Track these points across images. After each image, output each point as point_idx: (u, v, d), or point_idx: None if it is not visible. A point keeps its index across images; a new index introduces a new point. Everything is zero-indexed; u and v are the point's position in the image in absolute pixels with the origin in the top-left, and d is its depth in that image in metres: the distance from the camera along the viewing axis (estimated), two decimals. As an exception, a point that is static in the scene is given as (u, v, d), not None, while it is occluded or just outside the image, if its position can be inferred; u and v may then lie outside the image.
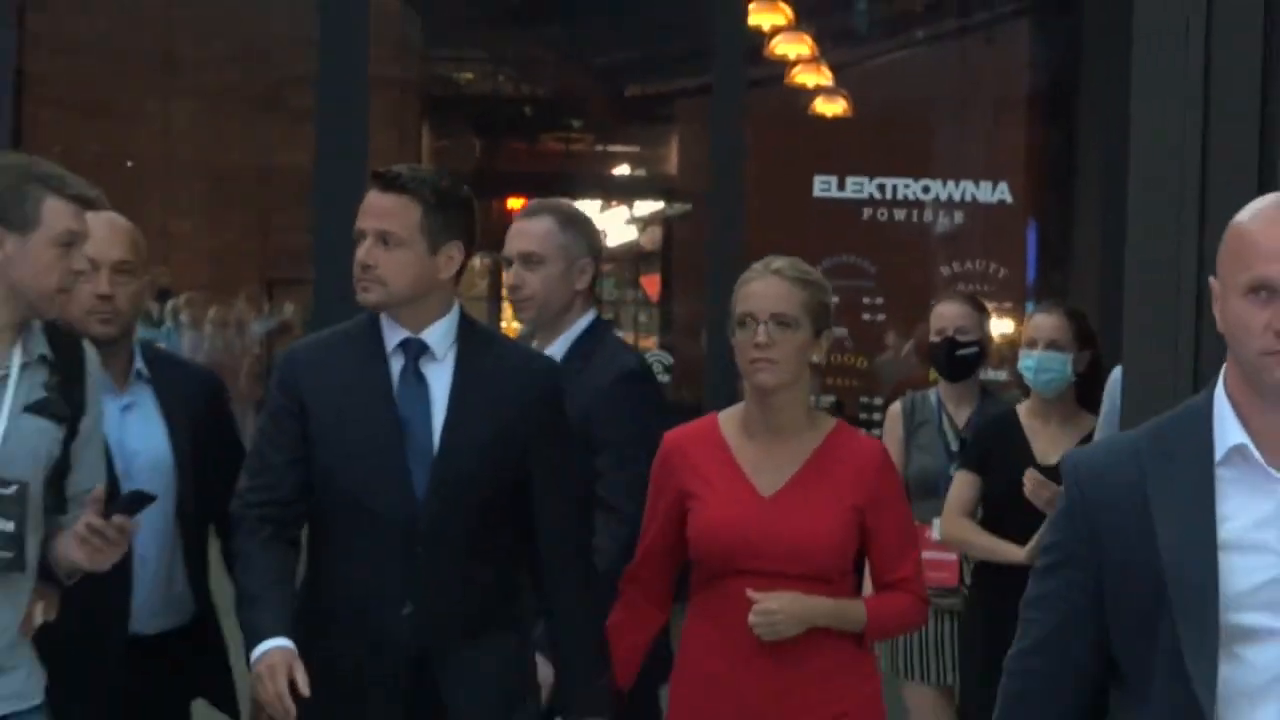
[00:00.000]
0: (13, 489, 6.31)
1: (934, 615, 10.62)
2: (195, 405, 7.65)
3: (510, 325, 15.82)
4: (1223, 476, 4.58)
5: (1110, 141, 12.13)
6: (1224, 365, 4.72)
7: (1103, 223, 14.12)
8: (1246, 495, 4.58)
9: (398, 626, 6.33)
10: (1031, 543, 9.37)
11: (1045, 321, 10.26)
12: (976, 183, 18.32)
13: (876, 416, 15.53)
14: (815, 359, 6.57)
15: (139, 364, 7.57)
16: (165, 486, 7.20)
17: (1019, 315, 16.50)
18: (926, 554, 10.37)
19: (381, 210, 6.46)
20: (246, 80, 23.30)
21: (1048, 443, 10.04)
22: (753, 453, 6.53)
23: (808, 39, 19.88)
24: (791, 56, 19.81)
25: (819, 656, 6.39)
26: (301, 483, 6.45)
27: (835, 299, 6.54)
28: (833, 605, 6.41)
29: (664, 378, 16.42)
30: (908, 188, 18.05)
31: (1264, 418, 4.57)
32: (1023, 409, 10.35)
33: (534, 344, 7.93)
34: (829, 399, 16.09)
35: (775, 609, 6.20)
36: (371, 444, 6.38)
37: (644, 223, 24.88)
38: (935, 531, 10.67)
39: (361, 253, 6.42)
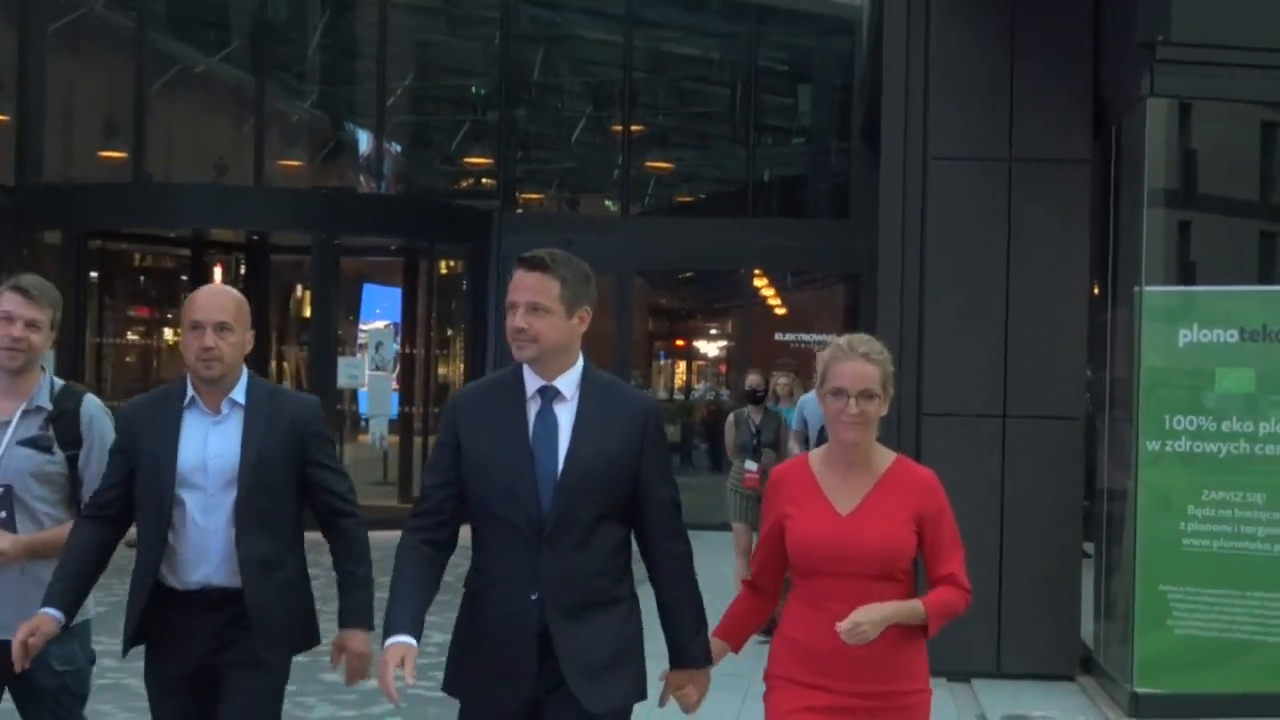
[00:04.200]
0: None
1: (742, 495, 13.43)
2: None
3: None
4: None
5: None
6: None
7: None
8: None
9: (523, 611, 5.03)
10: None
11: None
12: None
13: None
14: (883, 413, 5.30)
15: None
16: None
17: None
18: (746, 475, 13.15)
19: (530, 287, 5.10)
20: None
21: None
22: (833, 481, 5.30)
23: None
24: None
25: (890, 634, 5.12)
26: (453, 500, 5.13)
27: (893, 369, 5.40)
28: (902, 608, 5.15)
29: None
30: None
31: None
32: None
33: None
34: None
35: (861, 621, 5.02)
36: (508, 467, 5.04)
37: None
38: (750, 466, 13.33)
39: (517, 320, 5.06)
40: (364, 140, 24.55)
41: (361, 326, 22.79)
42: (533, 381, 5.12)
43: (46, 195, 21.07)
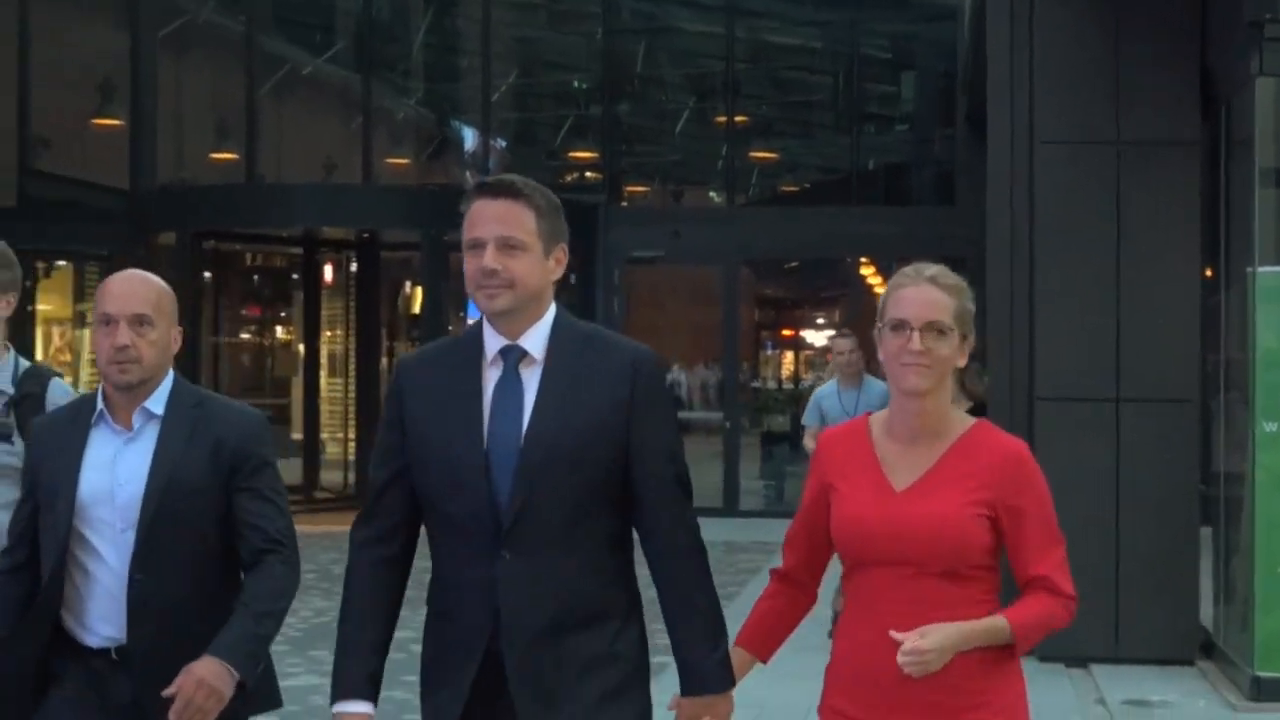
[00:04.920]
0: None
1: None
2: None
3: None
4: None
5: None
6: None
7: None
8: None
9: (477, 630, 3.90)
10: None
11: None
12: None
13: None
14: (960, 363, 4.07)
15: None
16: None
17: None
18: None
19: (501, 217, 3.93)
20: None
21: None
22: (893, 450, 4.06)
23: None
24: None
25: (964, 654, 3.89)
26: (406, 497, 4.02)
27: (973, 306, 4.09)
28: (977, 628, 3.88)
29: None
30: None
31: None
32: None
33: None
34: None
35: (925, 648, 3.82)
36: (454, 450, 3.92)
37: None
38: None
39: (489, 259, 3.89)
40: (469, 137, 24.66)
41: (471, 321, 22.88)
42: (494, 341, 3.99)
43: (160, 197, 21.33)
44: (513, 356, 3.97)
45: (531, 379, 3.95)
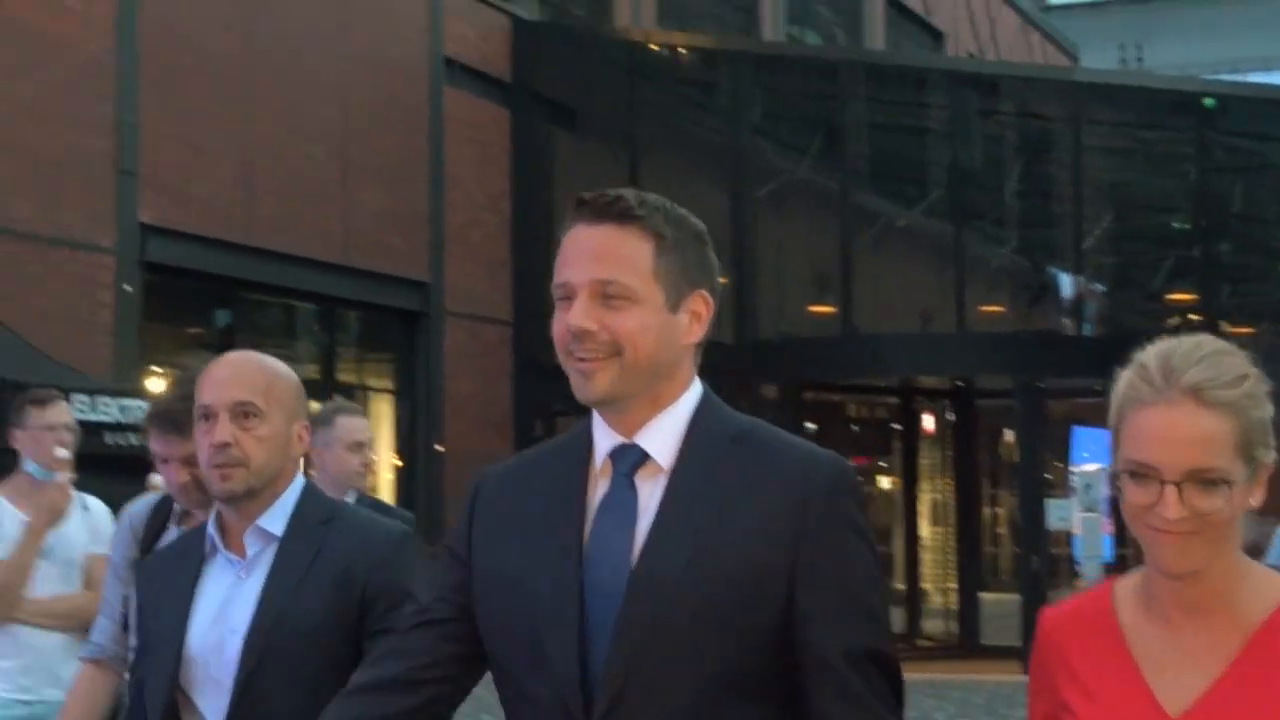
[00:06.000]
0: None
1: None
2: None
3: None
4: None
5: None
6: None
7: None
8: None
9: None
10: None
11: None
12: None
13: None
14: (1255, 503, 2.39)
15: None
16: None
17: None
18: None
19: (599, 251, 2.61)
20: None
21: None
22: (1157, 641, 2.47)
23: None
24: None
25: None
26: (443, 641, 2.71)
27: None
28: None
29: None
30: None
31: None
32: None
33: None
34: None
35: None
36: (534, 594, 2.59)
37: None
38: None
39: (577, 316, 2.57)
40: (1064, 282, 24.58)
41: (1072, 469, 22.68)
42: (605, 440, 2.65)
43: (762, 349, 22.04)
44: (628, 461, 2.62)
45: (651, 495, 2.59)
